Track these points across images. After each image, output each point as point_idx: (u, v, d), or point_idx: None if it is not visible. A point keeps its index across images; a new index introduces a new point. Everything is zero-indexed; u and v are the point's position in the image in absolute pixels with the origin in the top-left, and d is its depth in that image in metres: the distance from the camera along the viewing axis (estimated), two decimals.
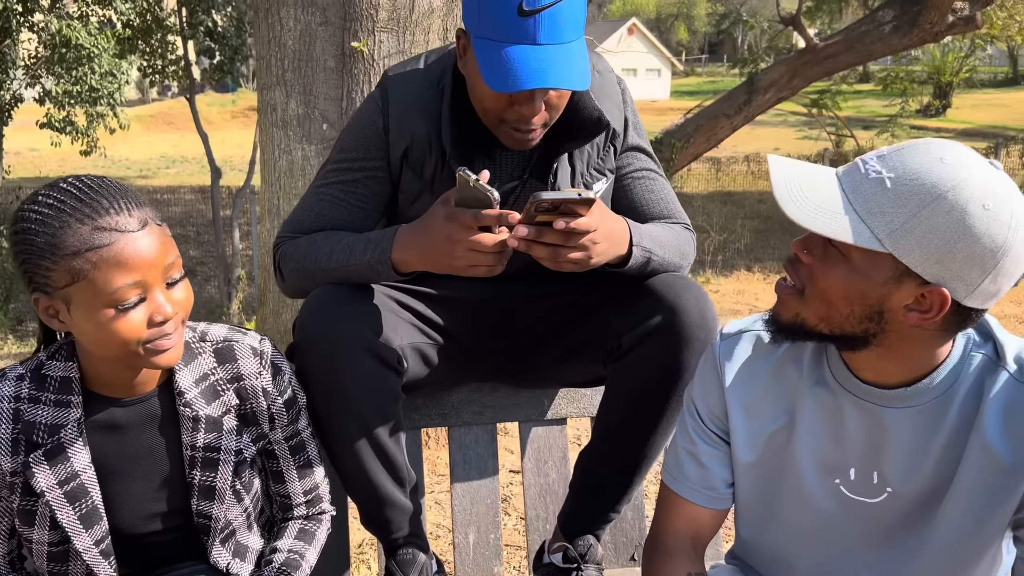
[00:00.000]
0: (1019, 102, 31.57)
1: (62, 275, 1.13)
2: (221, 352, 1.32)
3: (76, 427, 1.23)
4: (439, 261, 1.35)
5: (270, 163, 3.06)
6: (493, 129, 1.48)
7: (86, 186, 1.15)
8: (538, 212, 1.27)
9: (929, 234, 1.00)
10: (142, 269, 1.14)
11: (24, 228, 1.14)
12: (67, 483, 1.23)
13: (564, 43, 1.34)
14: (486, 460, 1.74)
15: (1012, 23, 12.58)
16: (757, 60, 11.51)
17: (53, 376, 1.24)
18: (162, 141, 25.77)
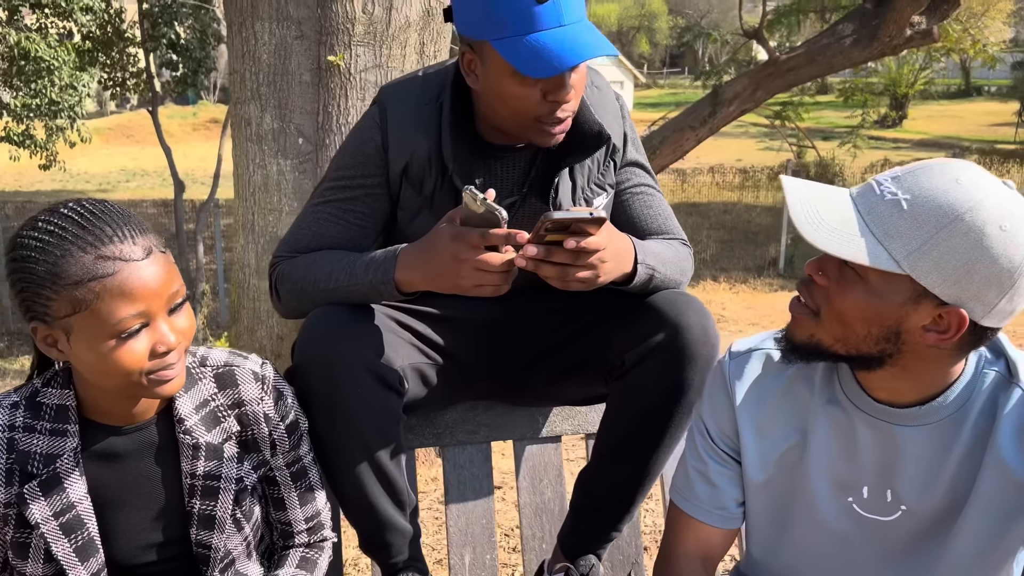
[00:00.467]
0: (972, 113, 32.32)
1: (63, 305, 1.09)
2: (222, 377, 1.28)
3: (73, 456, 1.19)
4: (445, 281, 1.33)
5: (244, 178, 3.02)
6: (524, 131, 1.47)
7: (88, 212, 1.11)
8: (548, 231, 1.26)
9: (947, 256, 1.01)
10: (146, 299, 1.10)
11: (24, 256, 1.10)
12: (63, 514, 1.19)
13: (581, 21, 1.37)
14: (481, 480, 1.72)
15: (965, 37, 12.89)
16: (721, 73, 11.66)
17: (49, 404, 1.20)
18: (121, 154, 25.40)
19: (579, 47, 1.33)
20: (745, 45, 13.09)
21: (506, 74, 1.38)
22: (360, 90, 2.84)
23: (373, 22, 2.79)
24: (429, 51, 2.95)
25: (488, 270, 1.29)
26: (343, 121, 2.84)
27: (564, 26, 1.34)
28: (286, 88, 2.85)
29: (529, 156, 1.55)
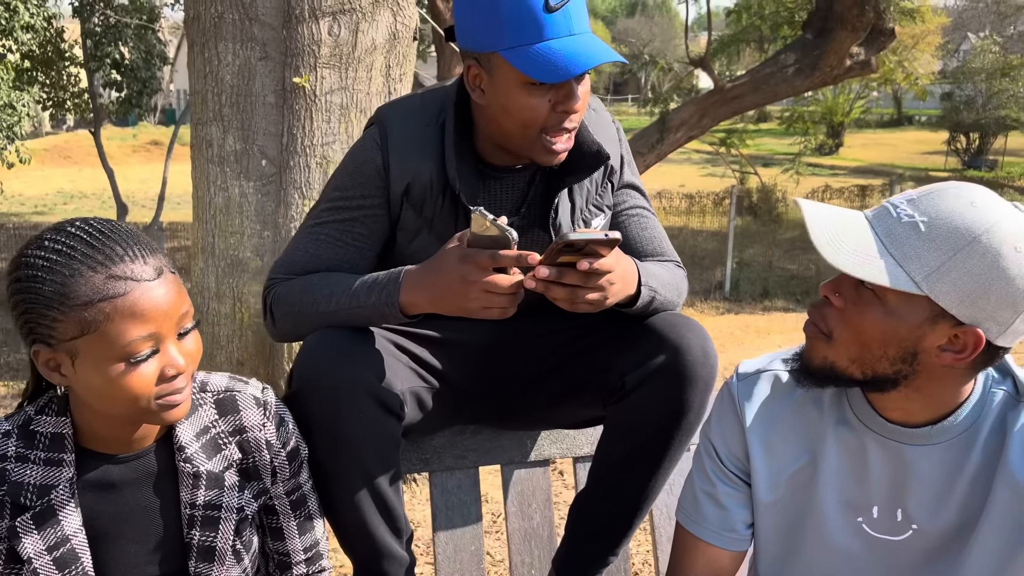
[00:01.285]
0: (904, 142, 33.43)
1: (70, 326, 1.04)
2: (223, 403, 1.24)
3: (68, 487, 1.14)
4: (452, 303, 1.32)
5: (204, 200, 2.96)
6: (529, 146, 1.46)
7: (97, 231, 1.07)
8: (561, 253, 1.26)
9: (964, 277, 1.03)
10: (157, 320, 1.06)
11: (29, 275, 1.05)
12: (57, 548, 1.13)
13: (587, 32, 1.40)
14: (468, 505, 1.70)
15: (898, 68, 13.35)
16: (667, 100, 11.89)
17: (43, 432, 1.14)
18: (59, 176, 24.73)
19: (589, 53, 1.36)
20: (689, 74, 13.38)
21: (515, 84, 1.39)
22: (325, 112, 2.82)
23: (339, 44, 2.78)
24: (395, 74, 2.95)
25: (497, 292, 1.29)
26: (308, 143, 2.82)
27: (573, 35, 1.37)
28: (249, 109, 2.81)
29: (528, 177, 1.56)
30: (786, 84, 8.88)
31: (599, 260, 1.28)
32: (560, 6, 1.35)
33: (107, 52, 10.61)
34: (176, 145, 12.55)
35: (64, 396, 1.17)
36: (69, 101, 11.34)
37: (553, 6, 1.34)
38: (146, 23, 11.00)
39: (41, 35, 10.39)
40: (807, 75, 8.71)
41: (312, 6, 2.72)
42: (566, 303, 1.32)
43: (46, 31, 10.44)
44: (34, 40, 10.31)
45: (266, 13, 2.74)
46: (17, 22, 9.69)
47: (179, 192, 16.68)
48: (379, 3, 2.83)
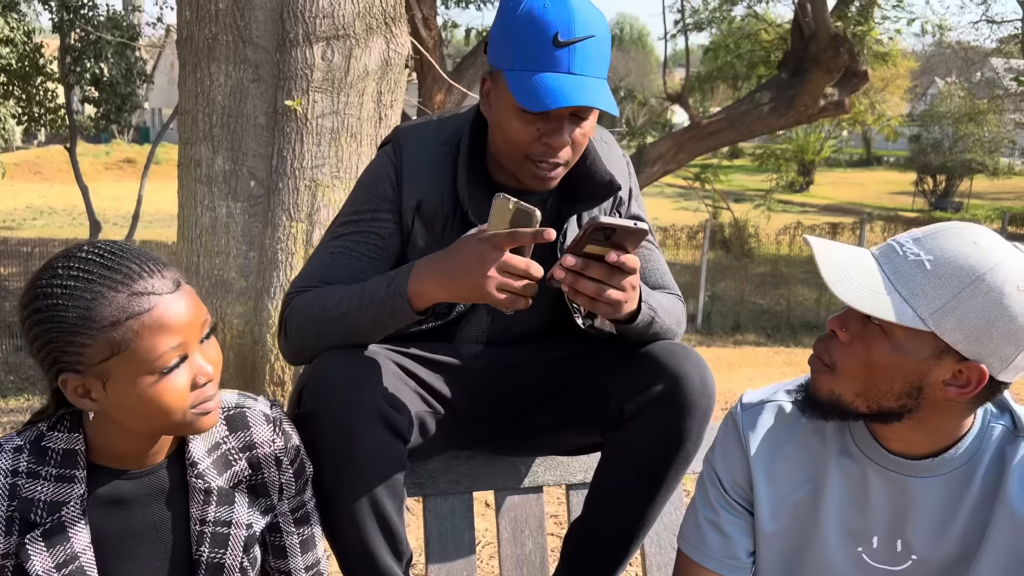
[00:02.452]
0: (873, 181, 34.06)
1: (100, 349, 1.04)
2: (233, 420, 1.25)
3: (79, 504, 1.13)
4: (466, 282, 1.30)
5: (191, 219, 2.95)
6: (515, 167, 1.49)
7: (108, 252, 1.07)
8: (589, 241, 1.26)
9: (969, 314, 1.07)
10: (183, 331, 1.08)
11: (49, 305, 1.04)
12: (65, 566, 1.12)
13: (593, 76, 1.40)
14: (462, 531, 1.69)
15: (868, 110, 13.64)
16: (643, 134, 12.04)
17: (55, 448, 1.14)
18: (28, 191, 24.43)
19: (576, 93, 1.37)
20: (665, 109, 13.58)
21: (509, 105, 1.42)
22: (316, 135, 2.83)
23: (332, 69, 2.81)
24: (386, 100, 2.98)
25: (512, 271, 1.28)
26: (297, 165, 2.83)
27: (574, 74, 1.38)
28: (240, 130, 2.82)
29: (539, 201, 1.58)
30: (761, 122, 9.05)
31: (625, 255, 1.29)
32: (568, 43, 1.37)
33: (86, 68, 10.55)
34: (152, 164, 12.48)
35: (76, 412, 1.17)
36: (45, 116, 11.24)
37: (561, 41, 1.37)
38: (127, 40, 10.96)
39: (19, 49, 10.32)
40: (782, 114, 8.88)
41: (306, 31, 2.75)
42: (587, 300, 1.32)
43: (25, 45, 10.37)
44: (12, 54, 10.23)
45: (260, 36, 2.76)
46: None
47: (152, 210, 16.55)
48: (373, 30, 2.87)
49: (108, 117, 10.94)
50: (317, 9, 2.74)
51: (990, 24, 16.17)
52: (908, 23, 11.18)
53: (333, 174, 2.88)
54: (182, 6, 2.88)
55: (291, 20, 2.74)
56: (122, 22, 11.79)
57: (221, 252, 2.90)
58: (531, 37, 1.38)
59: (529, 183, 1.50)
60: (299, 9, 2.73)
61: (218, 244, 2.91)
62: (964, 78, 25.29)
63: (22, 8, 10.85)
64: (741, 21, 12.51)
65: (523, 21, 1.38)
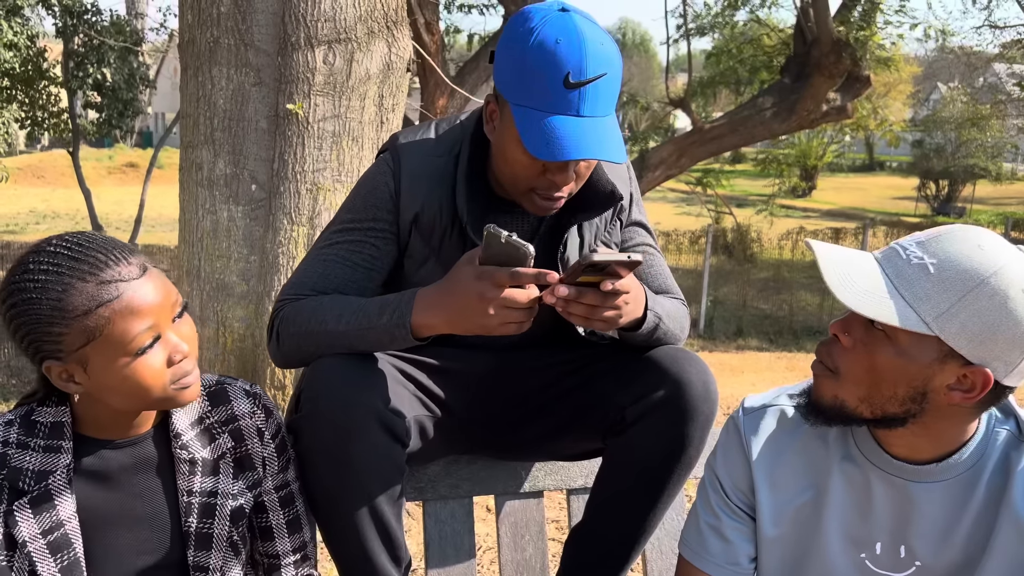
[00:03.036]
0: (875, 187, 34.04)
1: (76, 337, 1.09)
2: (215, 395, 1.30)
3: (65, 473, 1.18)
4: (469, 321, 1.31)
5: (192, 223, 2.95)
6: (518, 195, 1.48)
7: (76, 244, 1.12)
8: (582, 272, 1.27)
9: (974, 317, 1.06)
10: (153, 313, 1.12)
11: (24, 299, 1.10)
12: (51, 533, 1.16)
13: (602, 116, 1.37)
14: (462, 536, 1.68)
15: (871, 115, 13.64)
16: (646, 139, 12.04)
17: (43, 422, 1.19)
18: (31, 195, 24.46)
19: (588, 144, 1.34)
20: (667, 114, 13.58)
21: (514, 139, 1.39)
22: (317, 139, 2.83)
23: (333, 73, 2.81)
24: (388, 104, 2.98)
25: (514, 307, 1.29)
26: (299, 169, 2.83)
27: (583, 117, 1.34)
28: (241, 134, 2.82)
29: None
30: (763, 127, 9.05)
31: (619, 281, 1.29)
32: (580, 84, 1.33)
33: (89, 73, 10.58)
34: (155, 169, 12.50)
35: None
36: (48, 120, 11.26)
37: (573, 83, 1.32)
38: (130, 45, 10.99)
39: (23, 54, 10.35)
40: (784, 118, 8.87)
41: (308, 34, 2.75)
42: (581, 320, 1.33)
43: (28, 49, 10.40)
44: (16, 58, 10.26)
45: (262, 40, 2.76)
46: (0, 40, 9.66)
47: (154, 215, 16.57)
48: (374, 34, 2.87)
49: (111, 122, 10.98)
50: (319, 13, 2.74)
51: (993, 29, 16.16)
52: (911, 28, 11.14)
53: (335, 178, 2.88)
54: (184, 10, 2.88)
55: (293, 24, 2.74)
56: (125, 27, 11.82)
57: (222, 256, 2.90)
58: (541, 75, 1.33)
59: (531, 211, 1.49)
60: (301, 13, 2.73)
61: (219, 248, 2.91)
62: (967, 83, 25.29)
63: (26, 13, 10.88)
64: (743, 26, 12.52)
65: (534, 55, 1.33)
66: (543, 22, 1.35)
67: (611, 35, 1.41)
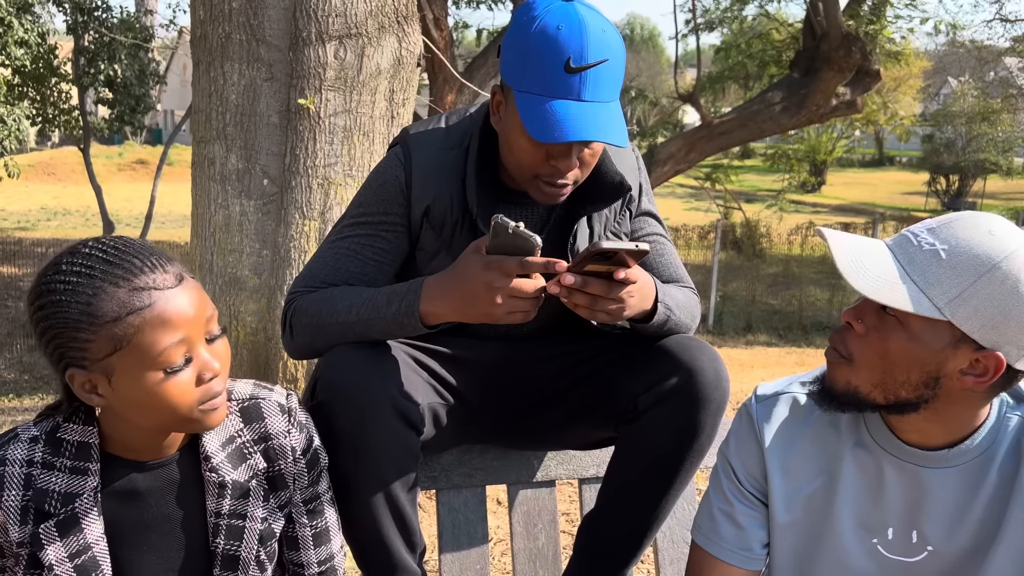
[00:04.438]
0: (885, 182, 33.90)
1: (102, 345, 1.05)
2: (247, 411, 1.25)
3: (92, 496, 1.14)
4: (477, 310, 1.33)
5: (204, 217, 2.97)
6: (524, 183, 1.49)
7: (112, 247, 1.08)
8: (589, 261, 1.27)
9: (986, 302, 1.07)
10: (185, 325, 1.08)
11: (52, 301, 1.05)
12: (78, 556, 1.13)
13: (604, 102, 1.38)
14: (475, 524, 1.70)
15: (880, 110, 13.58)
16: (655, 134, 12.02)
17: (70, 440, 1.15)
18: (42, 192, 24.58)
19: (588, 127, 1.35)
20: (676, 109, 13.56)
21: (518, 126, 1.41)
22: (329, 134, 2.85)
23: (344, 68, 2.82)
24: (398, 98, 2.99)
25: (521, 297, 1.30)
26: (310, 164, 2.84)
27: (584, 102, 1.36)
28: (253, 129, 2.84)
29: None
30: (773, 121, 9.02)
31: (626, 271, 1.30)
32: (581, 69, 1.34)
33: (100, 69, 10.63)
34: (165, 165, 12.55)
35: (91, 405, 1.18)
36: (59, 117, 11.32)
37: (574, 67, 1.34)
38: (140, 42, 11.04)
39: (34, 51, 10.40)
40: (793, 113, 8.85)
41: (319, 29, 2.76)
42: (586, 311, 1.34)
43: (39, 47, 10.45)
44: (27, 56, 10.30)
45: (273, 35, 2.78)
46: (11, 37, 9.70)
47: (164, 211, 16.63)
48: (385, 29, 2.88)
49: (122, 118, 11.01)
50: (330, 8, 2.76)
51: (1004, 23, 16.07)
52: (921, 22, 11.12)
53: (346, 172, 2.90)
54: (196, 5, 2.90)
55: (304, 19, 2.75)
56: (135, 24, 11.87)
57: (234, 250, 2.92)
58: (543, 61, 1.35)
59: (537, 199, 1.50)
60: (312, 8, 2.74)
61: (231, 242, 2.93)
62: (977, 77, 25.17)
63: (36, 10, 10.94)
64: (752, 20, 12.48)
65: (535, 41, 1.35)
66: (546, 10, 1.37)
67: (616, 26, 1.42)
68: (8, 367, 9.06)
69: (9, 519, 1.12)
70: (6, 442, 1.15)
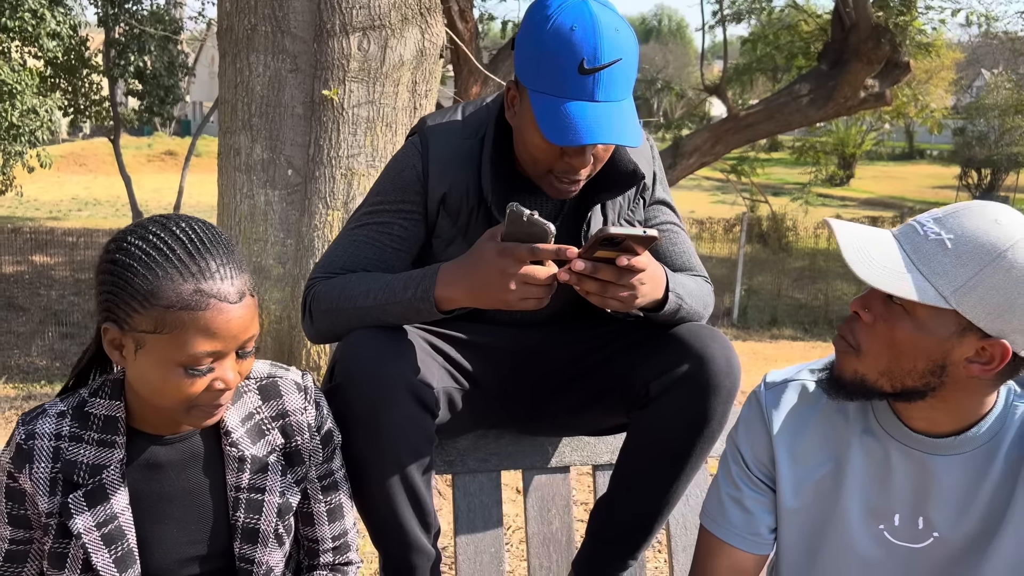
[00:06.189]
0: (915, 175, 33.48)
1: (146, 321, 1.10)
2: (266, 389, 1.30)
3: (119, 468, 1.20)
4: (490, 295, 1.35)
5: (230, 207, 3.02)
6: (538, 178, 1.51)
7: (199, 239, 1.12)
8: (599, 247, 1.29)
9: (991, 291, 1.07)
10: (225, 340, 1.12)
11: (125, 262, 1.10)
12: (105, 525, 1.18)
13: (618, 101, 1.39)
14: (490, 508, 1.73)
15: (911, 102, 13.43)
16: (680, 126, 11.96)
17: (97, 414, 1.20)
18: (73, 182, 24.94)
19: (603, 129, 1.36)
20: (703, 101, 13.48)
21: (533, 125, 1.43)
22: (352, 125, 2.88)
23: (368, 59, 2.85)
24: (421, 90, 3.01)
25: (534, 283, 1.33)
26: (334, 154, 2.88)
27: (598, 102, 1.37)
28: (278, 120, 2.88)
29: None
30: (800, 114, 8.94)
31: (634, 257, 1.31)
32: (595, 70, 1.35)
33: (130, 61, 10.77)
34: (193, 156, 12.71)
35: (118, 380, 1.23)
36: (89, 108, 11.49)
37: (587, 68, 1.35)
38: (169, 34, 11.17)
39: (66, 43, 10.56)
40: (821, 106, 8.76)
41: (343, 21, 2.79)
42: (597, 298, 1.35)
43: (71, 39, 10.61)
44: (59, 47, 10.47)
45: (298, 27, 2.81)
46: (43, 29, 9.86)
47: (192, 202, 16.81)
48: (408, 20, 2.90)
49: (151, 109, 11.16)
50: (354, 0, 2.78)
51: None
52: (952, 13, 10.93)
53: (368, 163, 2.93)
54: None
55: (328, 11, 2.78)
56: (165, 16, 12.01)
57: (259, 239, 2.96)
58: (557, 61, 1.36)
59: (550, 193, 1.52)
60: (336, 0, 2.77)
61: (256, 231, 2.98)
62: (1011, 69, 24.75)
63: (68, 2, 11.10)
64: (780, 12, 12.36)
65: (550, 41, 1.36)
66: (559, 9, 1.38)
67: (628, 22, 1.43)
68: (40, 354, 9.22)
69: (39, 490, 1.17)
70: (34, 417, 1.20)
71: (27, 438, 1.18)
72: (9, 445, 1.20)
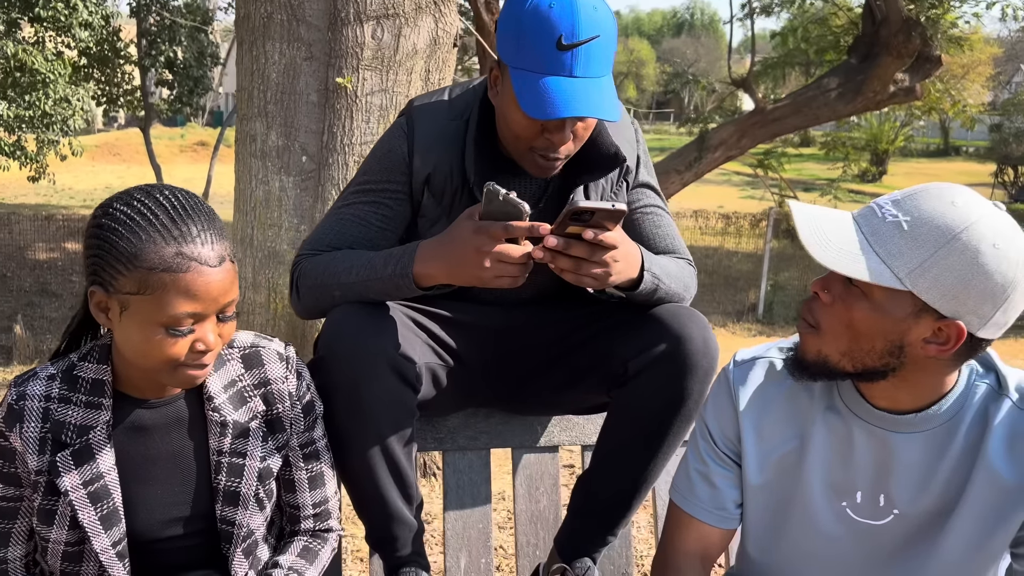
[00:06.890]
0: (950, 173, 32.93)
1: (130, 283, 1.15)
2: (248, 358, 1.35)
3: (105, 429, 1.25)
4: (466, 272, 1.39)
5: (246, 193, 3.07)
6: (519, 156, 1.54)
7: (181, 206, 1.18)
8: (571, 221, 1.32)
9: (946, 272, 1.08)
10: (205, 302, 1.17)
11: (110, 227, 1.16)
12: (91, 484, 1.24)
13: (596, 77, 1.42)
14: (479, 485, 1.77)
15: (945, 97, 13.22)
16: (708, 120, 11.87)
17: (85, 378, 1.26)
18: (107, 172, 25.28)
19: (580, 103, 1.39)
20: (732, 94, 13.38)
21: (512, 101, 1.46)
22: (365, 112, 2.91)
23: (381, 48, 2.88)
24: (434, 78, 3.04)
25: (508, 261, 1.36)
26: (347, 142, 2.91)
27: (576, 78, 1.40)
28: (293, 107, 2.92)
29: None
30: (828, 108, 8.84)
31: (604, 233, 1.33)
32: (572, 45, 1.38)
33: (161, 51, 10.92)
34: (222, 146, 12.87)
35: (106, 345, 1.28)
36: (122, 98, 11.67)
37: (565, 44, 1.38)
38: (200, 24, 11.31)
39: (98, 33, 10.72)
40: (849, 100, 8.67)
41: (357, 10, 2.82)
42: (570, 275, 1.38)
43: (103, 29, 10.78)
44: (92, 38, 10.64)
45: (313, 15, 2.85)
46: (76, 19, 10.03)
47: (223, 192, 17.00)
48: (422, 9, 2.93)
49: (181, 99, 11.31)
50: None
51: None
52: (987, 7, 10.74)
53: None
54: None
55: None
56: (196, 7, 12.15)
57: (274, 225, 3.01)
58: (535, 38, 1.39)
59: (531, 171, 1.55)
60: None
61: (271, 217, 3.02)
62: None
63: None
64: (811, 5, 12.23)
65: (528, 19, 1.40)
66: None
67: (607, 3, 1.46)
68: None
69: (28, 449, 1.23)
70: (26, 379, 1.26)
71: (18, 399, 1.24)
72: (1, 406, 1.26)
